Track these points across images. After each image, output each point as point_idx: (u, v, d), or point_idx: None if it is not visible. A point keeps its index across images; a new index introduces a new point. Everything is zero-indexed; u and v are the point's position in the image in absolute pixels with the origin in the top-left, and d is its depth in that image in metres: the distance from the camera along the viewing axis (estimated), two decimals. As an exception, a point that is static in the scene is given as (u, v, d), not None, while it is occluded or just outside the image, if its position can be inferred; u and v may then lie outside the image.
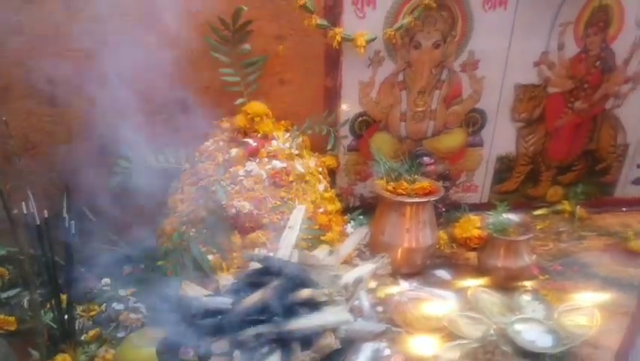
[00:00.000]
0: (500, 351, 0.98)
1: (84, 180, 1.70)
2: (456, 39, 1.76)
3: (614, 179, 2.11)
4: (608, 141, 2.03)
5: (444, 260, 1.73)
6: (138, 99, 1.63)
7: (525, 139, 1.97)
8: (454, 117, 1.89)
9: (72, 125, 1.65)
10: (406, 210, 1.58)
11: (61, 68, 1.56)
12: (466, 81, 1.84)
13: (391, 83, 1.80)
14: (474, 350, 0.99)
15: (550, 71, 1.86)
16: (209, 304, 1.14)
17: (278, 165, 1.58)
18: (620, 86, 1.93)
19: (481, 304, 1.37)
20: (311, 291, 1.14)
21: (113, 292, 1.62)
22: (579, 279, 1.64)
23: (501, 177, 2.02)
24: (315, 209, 1.61)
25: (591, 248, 1.84)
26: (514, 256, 1.51)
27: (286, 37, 1.69)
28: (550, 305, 1.43)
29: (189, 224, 1.48)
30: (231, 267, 1.46)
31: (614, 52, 1.87)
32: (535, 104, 1.91)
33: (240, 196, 1.51)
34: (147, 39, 1.58)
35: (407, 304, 1.45)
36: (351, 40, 1.68)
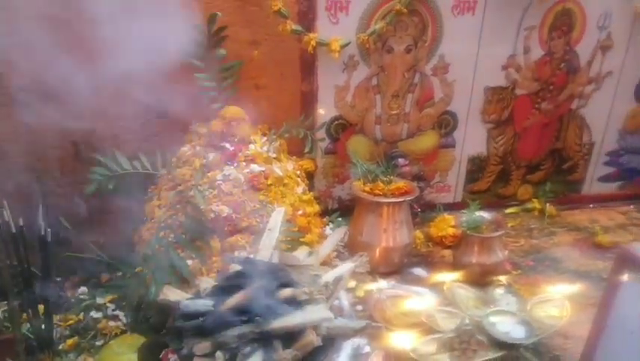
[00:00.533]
0: (476, 340, 1.02)
1: (59, 188, 1.69)
2: (427, 44, 1.81)
3: (581, 177, 2.20)
4: (574, 140, 2.11)
5: (420, 258, 1.77)
6: (114, 105, 1.63)
7: (495, 140, 2.03)
8: (427, 120, 1.94)
9: (46, 132, 1.63)
10: (383, 211, 1.61)
11: (34, 74, 1.55)
12: (438, 85, 1.89)
13: (366, 87, 1.84)
14: (450, 340, 1.02)
15: (518, 73, 1.93)
16: (190, 307, 1.14)
17: (256, 168, 1.59)
18: (584, 87, 2.02)
19: (457, 299, 1.41)
20: (292, 290, 1.15)
21: (91, 301, 1.61)
22: (550, 273, 1.70)
23: (473, 177, 2.08)
24: (294, 211, 1.62)
25: (561, 243, 1.91)
26: (487, 252, 1.56)
27: (261, 43, 1.72)
28: (523, 298, 1.48)
29: (168, 229, 1.48)
30: (211, 271, 1.46)
31: (578, 54, 1.96)
32: (504, 105, 1.98)
33: (218, 200, 1.51)
34: (123, 44, 1.58)
35: (386, 301, 1.48)
36: (326, 45, 1.71)
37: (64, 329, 1.47)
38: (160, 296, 1.27)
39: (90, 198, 1.61)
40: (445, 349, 1.04)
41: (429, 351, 1.15)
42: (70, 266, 1.69)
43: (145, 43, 1.56)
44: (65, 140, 1.65)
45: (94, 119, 1.64)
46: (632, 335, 1.00)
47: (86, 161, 1.66)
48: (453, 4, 1.76)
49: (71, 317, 1.52)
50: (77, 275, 1.73)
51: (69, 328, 1.48)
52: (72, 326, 1.48)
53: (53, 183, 1.67)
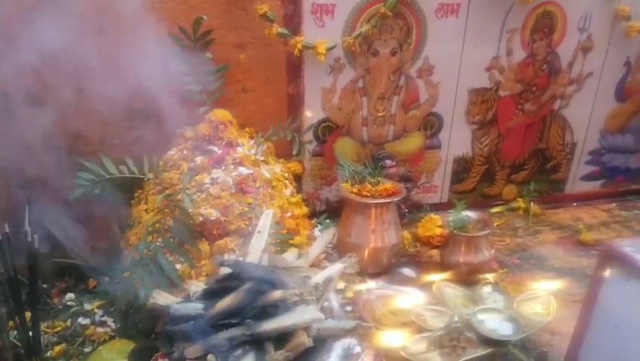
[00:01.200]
0: (465, 337, 1.03)
1: (44, 193, 1.67)
2: (412, 46, 1.83)
3: (564, 176, 2.24)
4: (557, 140, 2.15)
5: (408, 259, 1.78)
6: (99, 109, 1.62)
7: (479, 140, 2.06)
8: (412, 121, 1.96)
9: (30, 137, 1.61)
10: (370, 212, 1.62)
11: (16, 80, 1.54)
12: (423, 86, 1.91)
13: (352, 89, 1.85)
14: (440, 338, 1.03)
15: (501, 75, 1.97)
16: (180, 311, 1.14)
17: (244, 171, 1.60)
18: (565, 88, 2.06)
19: (445, 298, 1.42)
20: (282, 292, 1.16)
21: (79, 307, 1.59)
22: (535, 271, 1.73)
23: (458, 177, 2.11)
24: (282, 214, 1.63)
25: (546, 242, 1.94)
26: (474, 251, 1.58)
27: (247, 46, 1.72)
28: (510, 296, 1.50)
29: (156, 233, 1.47)
30: (200, 275, 1.46)
31: (559, 55, 1.99)
32: (488, 107, 2.01)
33: (206, 204, 1.51)
34: (107, 48, 1.57)
35: (375, 301, 1.49)
36: (312, 48, 1.72)
37: (52, 335, 1.46)
38: (149, 301, 1.27)
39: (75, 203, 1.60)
40: (435, 347, 1.05)
41: (419, 350, 1.16)
42: (57, 272, 1.68)
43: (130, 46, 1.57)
44: (50, 144, 1.63)
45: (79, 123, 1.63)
46: (616, 330, 1.03)
47: (71, 166, 1.64)
48: (437, 7, 1.79)
49: (59, 324, 1.50)
50: (64, 281, 1.71)
51: (57, 335, 1.46)
52: (60, 333, 1.47)
53: (40, 189, 1.65)
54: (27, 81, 1.55)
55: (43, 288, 1.61)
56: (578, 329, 1.18)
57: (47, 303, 1.60)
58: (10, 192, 1.63)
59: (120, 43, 1.57)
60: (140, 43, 1.55)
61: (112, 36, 1.57)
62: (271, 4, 1.67)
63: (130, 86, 1.50)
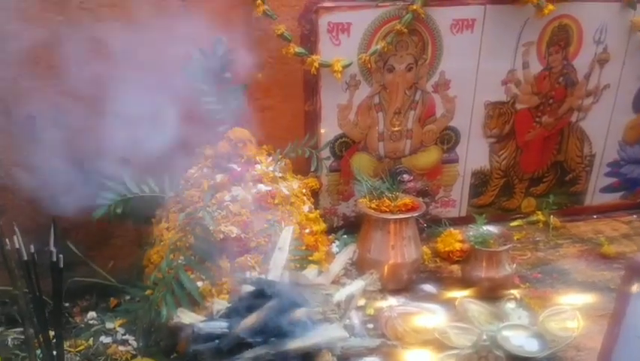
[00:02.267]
0: (494, 356, 1.02)
1: (67, 213, 1.69)
2: (427, 61, 1.84)
3: (584, 188, 2.22)
4: (575, 152, 2.14)
5: (429, 274, 1.77)
6: (121, 130, 1.65)
7: (497, 154, 2.06)
8: (429, 135, 1.96)
9: (53, 158, 1.64)
10: (390, 227, 1.62)
11: (41, 103, 1.57)
12: (439, 101, 1.92)
13: (368, 105, 1.86)
14: (468, 356, 1.02)
15: (517, 88, 1.96)
16: (205, 329, 1.14)
17: (263, 188, 1.60)
18: (583, 100, 2.05)
19: (469, 314, 1.41)
20: (305, 310, 1.16)
21: (100, 326, 1.60)
22: (558, 285, 1.70)
23: (477, 191, 2.10)
24: (301, 230, 1.63)
25: (567, 255, 1.92)
26: (496, 266, 1.57)
27: (265, 65, 1.74)
28: (534, 311, 1.48)
29: (177, 251, 1.48)
30: (221, 292, 1.47)
31: (576, 68, 1.99)
32: (505, 120, 2.00)
33: (227, 221, 1.52)
34: (128, 69, 1.60)
35: (397, 319, 1.47)
36: (328, 66, 1.74)
37: (75, 355, 1.47)
38: (173, 319, 1.27)
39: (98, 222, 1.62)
40: (463, 365, 1.04)
41: (446, 367, 1.15)
42: (79, 291, 1.69)
43: (152, 68, 1.59)
44: (73, 164, 1.66)
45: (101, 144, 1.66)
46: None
47: (94, 185, 1.67)
48: (452, 22, 1.80)
49: (81, 343, 1.51)
50: (85, 300, 1.72)
51: (79, 354, 1.47)
52: (82, 352, 1.48)
53: (62, 209, 1.68)
54: (51, 103, 1.58)
55: (65, 307, 1.62)
56: (605, 344, 1.16)
57: (69, 322, 1.61)
58: (35, 212, 1.65)
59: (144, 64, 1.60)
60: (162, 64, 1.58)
61: (134, 55, 1.60)
62: (288, 25, 1.70)
63: (153, 108, 1.53)
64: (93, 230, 1.71)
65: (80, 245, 1.66)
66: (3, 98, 1.55)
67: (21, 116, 1.58)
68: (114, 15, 1.58)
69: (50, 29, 1.53)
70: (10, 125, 1.58)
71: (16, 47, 1.51)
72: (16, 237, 1.25)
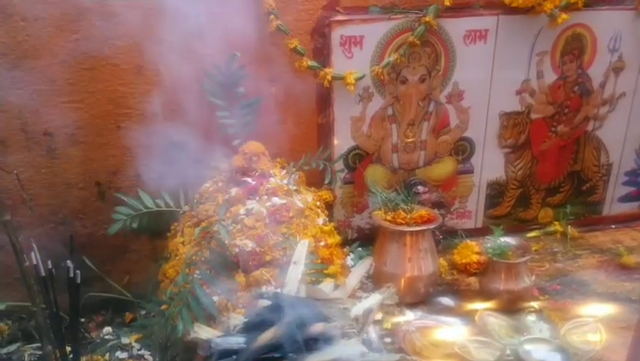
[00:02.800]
0: (517, 371, 1.00)
1: (82, 229, 1.70)
2: (440, 72, 1.84)
3: (601, 197, 2.18)
4: (592, 161, 2.11)
5: (446, 287, 1.74)
6: (136, 145, 1.66)
7: (513, 164, 2.04)
8: (443, 147, 1.95)
9: (70, 175, 1.66)
10: (406, 240, 1.60)
11: (58, 120, 1.60)
12: (453, 112, 1.91)
13: (381, 117, 1.86)
14: (492, 371, 1.00)
15: (532, 98, 1.95)
16: (222, 345, 1.13)
17: (277, 201, 1.60)
18: (598, 109, 2.03)
19: (489, 328, 1.38)
20: (323, 325, 1.15)
21: (116, 341, 1.60)
22: (578, 297, 1.67)
23: (493, 202, 2.08)
24: (316, 243, 1.62)
25: (586, 266, 1.88)
26: (515, 278, 1.54)
27: (278, 79, 1.75)
28: (555, 324, 1.45)
29: (193, 266, 1.48)
30: (237, 307, 1.46)
31: (591, 77, 1.97)
32: (520, 130, 1.99)
33: (242, 235, 1.51)
34: (144, 87, 1.63)
35: (415, 333, 1.45)
36: (341, 78, 1.74)
37: (91, 370, 1.47)
38: (190, 334, 1.27)
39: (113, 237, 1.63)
40: (486, 381, 1.02)
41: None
42: (95, 306, 1.70)
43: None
44: (89, 182, 1.67)
45: (115, 160, 1.67)
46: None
47: (109, 201, 1.68)
48: (465, 34, 1.80)
49: (97, 358, 1.51)
50: (101, 315, 1.73)
51: (95, 369, 1.47)
52: (98, 367, 1.48)
53: (78, 224, 1.69)
54: (68, 120, 1.60)
55: (81, 322, 1.62)
56: (630, 358, 1.13)
57: (85, 337, 1.62)
58: (51, 228, 1.67)
59: (157, 80, 1.62)
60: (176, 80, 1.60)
61: (147, 74, 1.62)
62: (301, 38, 1.71)
63: (167, 122, 1.54)
64: (108, 245, 1.72)
65: (96, 260, 1.67)
66: (21, 116, 1.57)
67: (39, 133, 1.60)
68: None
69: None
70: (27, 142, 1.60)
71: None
72: (33, 253, 1.26)
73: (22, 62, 1.53)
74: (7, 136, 1.58)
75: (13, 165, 1.58)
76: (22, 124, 1.58)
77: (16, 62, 1.53)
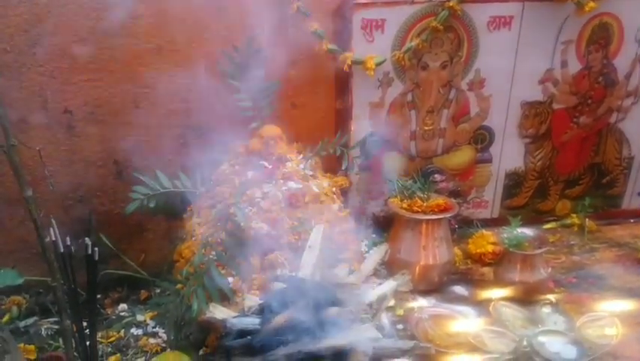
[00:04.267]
0: (533, 362, 1.00)
1: (100, 207, 1.72)
2: (462, 59, 1.81)
3: (621, 191, 2.15)
4: (614, 154, 2.07)
5: (460, 276, 1.74)
6: (154, 125, 1.67)
7: (533, 155, 2.01)
8: (462, 135, 1.93)
9: (89, 153, 1.67)
10: (421, 228, 1.60)
11: (78, 98, 1.60)
12: (474, 100, 1.88)
13: (401, 103, 1.84)
14: (507, 362, 1.00)
15: (555, 87, 1.91)
16: (237, 325, 1.14)
17: (293, 186, 1.60)
18: (622, 101, 1.98)
19: (503, 318, 1.38)
20: (338, 309, 1.15)
21: (131, 318, 1.63)
22: (594, 290, 1.65)
23: (510, 192, 2.05)
24: (331, 229, 1.62)
25: (603, 260, 1.86)
26: (530, 269, 1.53)
27: (297, 62, 1.73)
28: (570, 317, 1.44)
29: (209, 247, 1.49)
30: (251, 288, 1.47)
31: (616, 67, 1.93)
32: (541, 120, 1.95)
33: (257, 218, 1.52)
34: (163, 67, 1.62)
35: (428, 321, 1.45)
36: (361, 63, 1.72)
37: (106, 345, 1.49)
38: (205, 314, 1.28)
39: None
40: (502, 371, 1.02)
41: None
42: (111, 283, 1.72)
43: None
44: (107, 160, 1.69)
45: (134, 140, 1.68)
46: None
47: (127, 180, 1.69)
48: (489, 20, 1.76)
49: (113, 334, 1.53)
50: (117, 292, 1.75)
51: (111, 345, 1.50)
52: (114, 343, 1.50)
53: (96, 202, 1.71)
54: (88, 99, 1.61)
55: (97, 298, 1.64)
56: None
57: (101, 313, 1.64)
58: (70, 205, 1.68)
59: (176, 61, 1.62)
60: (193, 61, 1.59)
61: (166, 54, 1.62)
62: (322, 21, 1.68)
63: (185, 103, 1.54)
64: (125, 224, 1.73)
65: (112, 238, 1.68)
66: (42, 93, 1.58)
67: (59, 111, 1.61)
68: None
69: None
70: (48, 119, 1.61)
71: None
72: (52, 229, 1.27)
73: (43, 39, 1.53)
74: (28, 113, 1.59)
75: (34, 141, 1.59)
76: (43, 101, 1.59)
77: (38, 38, 1.53)
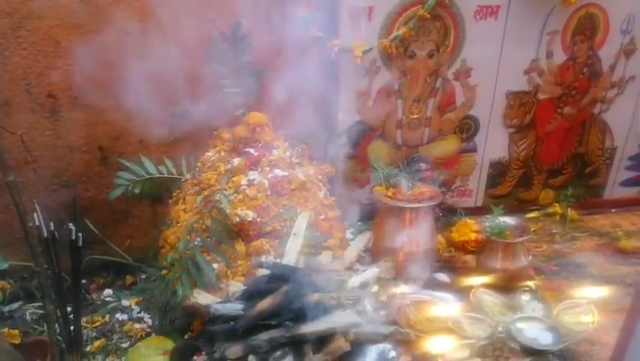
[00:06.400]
0: (508, 348, 1.02)
1: (85, 193, 1.71)
2: (449, 48, 1.81)
3: (603, 181, 2.18)
4: (597, 144, 2.10)
5: (443, 264, 1.76)
6: (139, 111, 1.65)
7: (517, 144, 2.03)
8: (448, 124, 1.94)
9: (73, 138, 1.66)
10: (405, 216, 1.61)
11: (61, 82, 1.59)
12: (460, 89, 1.89)
13: (387, 91, 1.84)
14: (483, 347, 1.02)
15: (540, 78, 1.93)
16: (220, 311, 1.15)
17: (279, 173, 1.61)
18: (606, 92, 2.01)
19: (483, 305, 1.40)
20: (320, 295, 1.16)
21: (116, 303, 1.63)
22: (573, 278, 1.69)
23: (494, 181, 2.08)
24: (316, 216, 1.63)
25: (583, 248, 1.89)
26: (511, 257, 1.56)
27: (284, 49, 1.73)
28: (549, 304, 1.47)
29: (194, 233, 1.49)
30: (236, 275, 1.48)
31: (601, 58, 1.94)
32: (526, 110, 1.97)
33: (243, 205, 1.52)
34: (148, 52, 1.61)
35: (410, 306, 1.48)
36: (349, 50, 1.72)
37: (91, 330, 1.50)
38: (189, 300, 1.29)
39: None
40: (478, 356, 1.04)
41: (458, 358, 1.15)
42: (96, 268, 1.72)
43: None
44: (92, 145, 1.68)
45: (118, 126, 1.67)
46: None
47: (111, 166, 1.68)
48: (476, 9, 1.76)
49: (98, 319, 1.54)
50: (102, 277, 1.75)
51: (96, 330, 1.50)
52: (98, 328, 1.51)
53: (81, 187, 1.70)
54: (72, 83, 1.59)
55: (82, 283, 1.64)
56: (620, 340, 1.14)
57: (86, 298, 1.64)
58: (54, 190, 1.68)
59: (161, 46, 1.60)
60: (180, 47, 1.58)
61: (152, 39, 1.60)
62: (309, 8, 1.67)
63: (170, 89, 1.53)
64: (110, 209, 1.73)
65: (98, 224, 1.68)
66: (26, 77, 1.56)
67: (43, 95, 1.59)
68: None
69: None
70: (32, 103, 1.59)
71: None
72: (36, 214, 1.26)
73: (27, 22, 1.51)
74: (12, 96, 1.57)
75: (17, 126, 1.58)
76: (26, 85, 1.57)
77: (21, 21, 1.51)
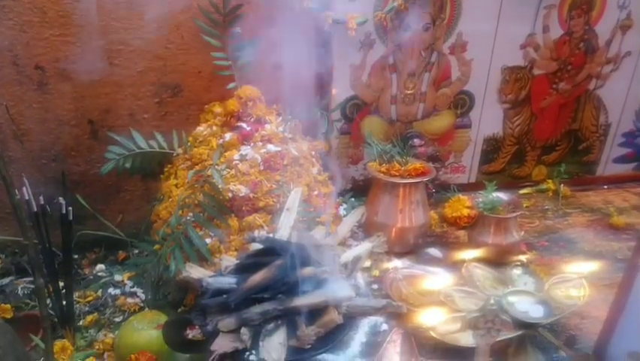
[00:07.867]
0: (500, 320, 1.03)
1: (75, 167, 1.69)
2: (445, 22, 1.78)
3: (596, 158, 2.19)
4: (591, 120, 2.10)
5: (435, 239, 1.77)
6: (129, 83, 1.63)
7: (511, 120, 2.02)
8: (443, 99, 1.92)
9: (62, 111, 1.63)
10: (399, 191, 1.61)
11: (49, 53, 1.55)
12: (455, 63, 1.87)
13: (382, 65, 1.82)
14: (475, 319, 1.03)
15: (536, 53, 1.91)
16: (213, 284, 1.15)
17: (272, 148, 1.59)
18: (602, 67, 1.99)
19: (474, 279, 1.41)
20: (313, 269, 1.16)
21: (109, 278, 1.63)
22: (565, 254, 1.70)
23: (488, 157, 2.07)
24: (309, 192, 1.62)
25: (575, 224, 1.91)
26: (503, 232, 1.56)
27: (277, 21, 1.69)
28: (540, 279, 1.49)
29: (186, 208, 1.48)
30: (229, 250, 1.48)
31: (597, 34, 1.92)
32: (521, 85, 1.96)
33: (235, 180, 1.51)
34: (137, 22, 1.57)
35: (402, 281, 1.48)
36: (342, 23, 1.68)
37: (84, 305, 1.50)
38: (182, 274, 1.29)
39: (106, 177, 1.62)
40: (470, 327, 1.05)
41: (450, 330, 1.16)
42: (88, 243, 1.71)
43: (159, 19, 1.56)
44: (81, 119, 1.65)
45: (109, 99, 1.64)
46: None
47: (101, 140, 1.66)
48: (472, -19, 1.74)
49: (90, 294, 1.54)
50: (94, 252, 1.75)
51: (88, 304, 1.50)
52: (91, 303, 1.51)
53: (71, 162, 1.68)
54: (59, 55, 1.56)
55: (74, 258, 1.64)
56: (611, 314, 1.16)
57: (78, 273, 1.64)
58: (44, 165, 1.65)
59: (151, 16, 1.56)
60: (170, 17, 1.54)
61: (140, 9, 1.56)
62: (302, -22, 1.64)
63: (160, 61, 1.50)
64: (101, 184, 1.71)
65: (89, 199, 1.66)
66: (12, 48, 1.52)
67: (30, 67, 1.56)
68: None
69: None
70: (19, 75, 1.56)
71: None
72: (25, 188, 1.25)
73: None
74: (-2, 68, 1.54)
75: (4, 98, 1.54)
76: (13, 56, 1.53)
77: (7, -9, 1.46)
